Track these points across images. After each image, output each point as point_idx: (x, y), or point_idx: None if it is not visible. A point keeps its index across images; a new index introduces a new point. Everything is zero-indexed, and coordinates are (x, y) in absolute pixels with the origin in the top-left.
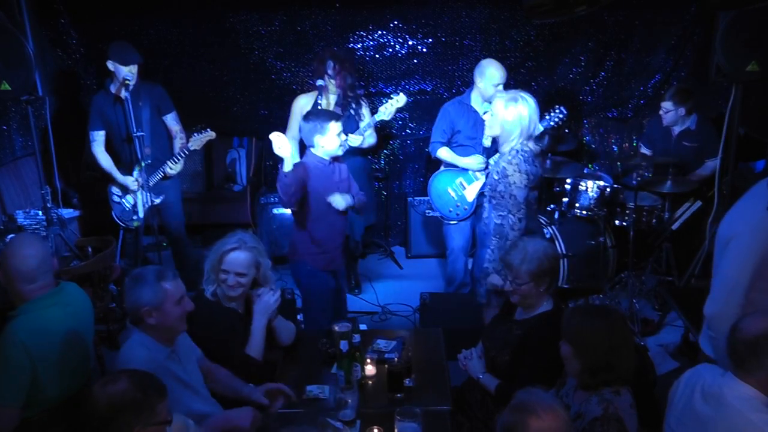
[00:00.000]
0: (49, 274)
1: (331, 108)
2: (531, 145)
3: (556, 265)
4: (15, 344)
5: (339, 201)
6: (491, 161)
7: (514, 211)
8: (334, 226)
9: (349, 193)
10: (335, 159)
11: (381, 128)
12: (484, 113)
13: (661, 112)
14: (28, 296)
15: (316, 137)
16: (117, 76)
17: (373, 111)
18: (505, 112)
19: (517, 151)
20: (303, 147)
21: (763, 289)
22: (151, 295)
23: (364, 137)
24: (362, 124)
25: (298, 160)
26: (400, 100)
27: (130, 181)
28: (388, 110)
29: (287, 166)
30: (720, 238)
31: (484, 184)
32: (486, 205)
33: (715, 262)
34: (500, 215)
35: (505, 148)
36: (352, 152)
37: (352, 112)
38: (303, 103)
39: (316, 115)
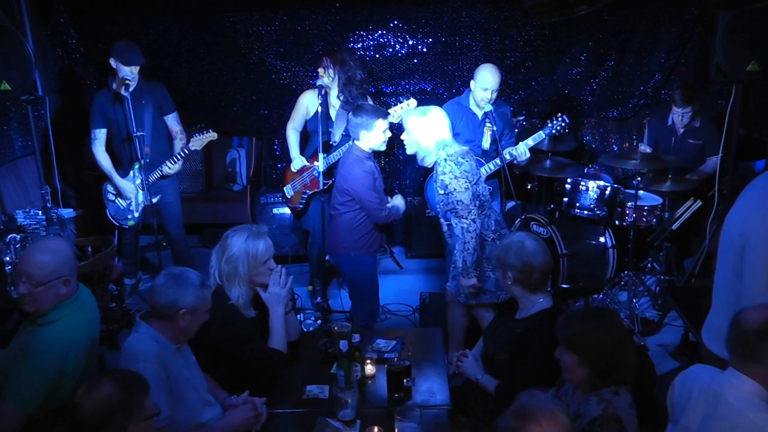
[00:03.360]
0: (75, 275)
1: (335, 105)
2: (456, 148)
3: (520, 264)
4: (52, 360)
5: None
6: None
7: (465, 215)
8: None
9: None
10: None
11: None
12: (484, 117)
13: (675, 118)
14: (58, 302)
15: (362, 132)
16: (118, 75)
17: None
18: (416, 127)
19: (445, 160)
20: (304, 140)
21: None
22: (193, 298)
23: None
24: None
25: (298, 152)
26: (410, 104)
27: (128, 186)
28: (397, 113)
29: (296, 164)
30: (731, 235)
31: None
32: (442, 220)
33: (724, 260)
34: (461, 225)
35: (428, 161)
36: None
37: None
38: (309, 98)
39: (365, 111)
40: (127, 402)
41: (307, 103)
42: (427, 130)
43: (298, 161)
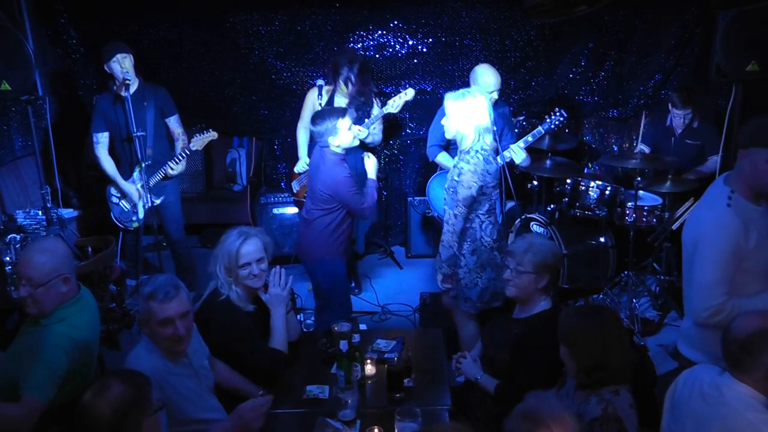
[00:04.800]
0: (73, 273)
1: (341, 105)
2: (489, 139)
3: (558, 265)
4: (60, 349)
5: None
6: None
7: (452, 206)
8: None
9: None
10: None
11: (391, 123)
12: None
13: (675, 120)
14: (60, 301)
15: (330, 138)
16: (116, 77)
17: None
18: (456, 110)
19: (477, 152)
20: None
21: (745, 278)
22: (141, 308)
23: (369, 132)
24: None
25: (305, 153)
26: (408, 93)
27: (133, 189)
28: (396, 103)
29: (299, 166)
30: (686, 243)
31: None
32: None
33: (685, 268)
34: (453, 213)
35: (464, 145)
36: (355, 148)
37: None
38: (316, 96)
39: (322, 117)
40: (138, 397)
41: (314, 99)
42: (464, 113)
43: (302, 163)
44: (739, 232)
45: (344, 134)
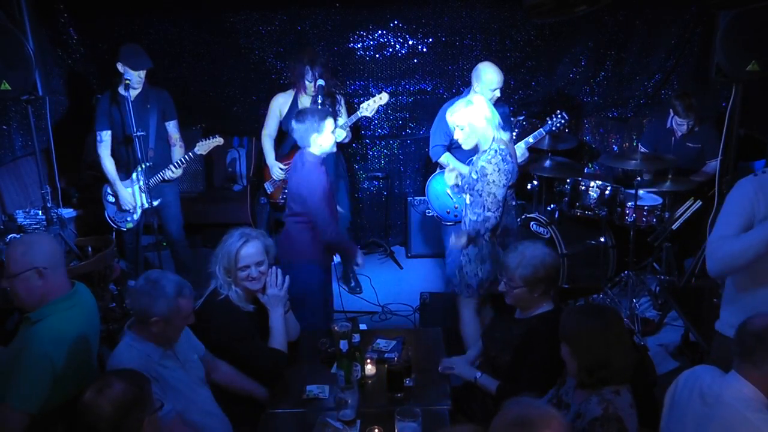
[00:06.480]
0: (63, 268)
1: (306, 104)
2: (504, 135)
3: (553, 274)
4: (40, 354)
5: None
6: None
7: (493, 209)
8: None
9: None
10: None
11: (390, 123)
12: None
13: (677, 126)
14: (47, 297)
15: (314, 136)
16: (123, 76)
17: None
18: (470, 118)
19: (496, 151)
20: (278, 144)
21: None
22: (164, 308)
23: (348, 132)
24: (341, 121)
25: (273, 158)
26: (382, 98)
27: (128, 197)
28: (370, 107)
29: (274, 172)
30: None
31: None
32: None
33: None
34: (476, 212)
35: (486, 144)
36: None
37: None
38: (281, 102)
39: (311, 114)
40: (140, 395)
41: (279, 106)
42: (480, 116)
43: (276, 169)
44: (747, 194)
45: (327, 135)
